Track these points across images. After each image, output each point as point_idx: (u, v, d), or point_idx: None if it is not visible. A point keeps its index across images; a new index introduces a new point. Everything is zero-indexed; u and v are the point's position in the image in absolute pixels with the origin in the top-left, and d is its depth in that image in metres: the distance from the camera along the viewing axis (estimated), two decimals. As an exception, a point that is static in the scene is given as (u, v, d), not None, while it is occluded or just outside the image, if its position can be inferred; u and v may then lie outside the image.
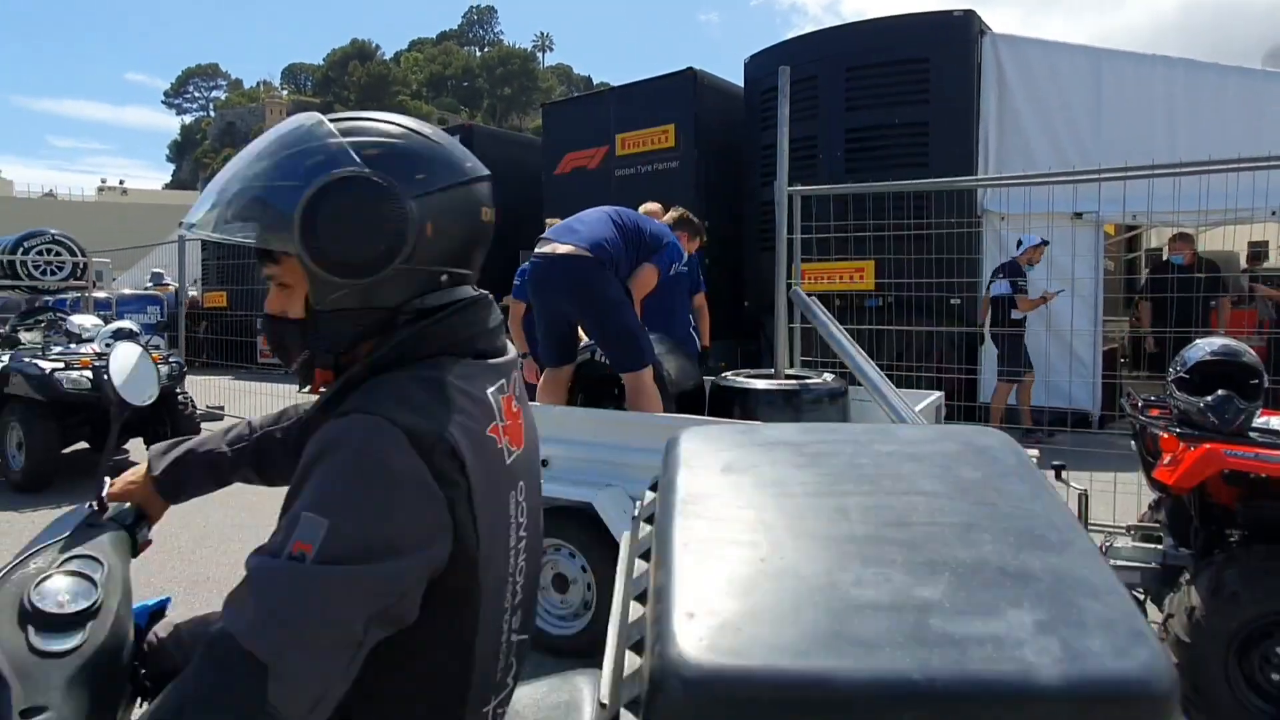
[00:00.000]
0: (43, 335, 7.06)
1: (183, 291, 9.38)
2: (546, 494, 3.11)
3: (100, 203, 63.01)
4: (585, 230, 3.40)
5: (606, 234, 3.39)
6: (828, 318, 3.26)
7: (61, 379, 5.88)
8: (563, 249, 3.31)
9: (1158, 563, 2.77)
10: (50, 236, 9.07)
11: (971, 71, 8.20)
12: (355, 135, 1.05)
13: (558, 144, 11.57)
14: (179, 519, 5.14)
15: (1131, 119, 7.76)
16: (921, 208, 7.12)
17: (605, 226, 3.44)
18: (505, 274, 13.08)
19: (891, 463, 0.96)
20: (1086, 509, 2.96)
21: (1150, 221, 7.64)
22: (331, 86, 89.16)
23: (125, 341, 5.63)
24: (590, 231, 3.38)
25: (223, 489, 1.50)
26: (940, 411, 3.98)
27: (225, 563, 4.30)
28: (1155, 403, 2.87)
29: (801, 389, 3.35)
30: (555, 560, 3.16)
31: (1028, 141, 8.10)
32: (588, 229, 3.40)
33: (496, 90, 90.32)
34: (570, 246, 3.30)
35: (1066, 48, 8.31)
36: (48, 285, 9.08)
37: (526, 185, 12.54)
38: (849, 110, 8.69)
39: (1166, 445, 2.58)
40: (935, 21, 8.42)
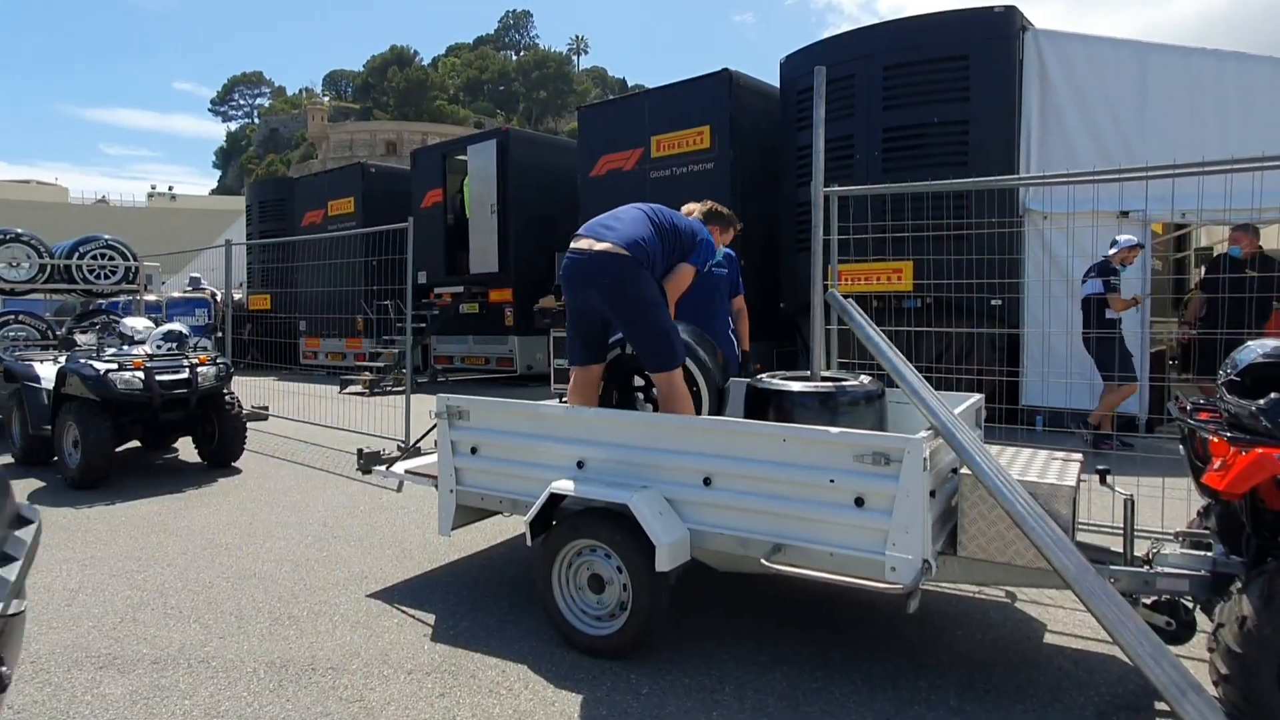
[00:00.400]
0: (97, 337, 7.31)
1: (228, 294, 9.61)
2: (582, 495, 3.16)
3: (151, 208, 64.92)
4: (621, 228, 3.38)
5: (643, 232, 3.37)
6: (864, 319, 3.23)
7: (115, 380, 6.07)
8: (599, 246, 3.30)
9: (1208, 570, 2.70)
10: (103, 242, 9.37)
11: (1013, 68, 8.06)
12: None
13: (593, 146, 11.63)
14: (226, 517, 5.29)
15: (1180, 114, 7.56)
16: (961, 207, 7.01)
17: (641, 224, 3.42)
18: (541, 275, 13.24)
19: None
20: (1132, 514, 2.89)
21: (1200, 220, 7.42)
22: (371, 92, 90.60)
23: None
24: (626, 229, 3.37)
25: (268, 490, 1.55)
26: (980, 415, 3.92)
27: (270, 558, 4.40)
28: (1205, 406, 2.79)
29: (837, 391, 3.32)
30: (591, 561, 3.18)
31: (1071, 139, 7.93)
32: (624, 226, 3.39)
33: (532, 94, 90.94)
34: (607, 244, 3.29)
35: (1111, 42, 8.12)
36: (101, 289, 9.38)
37: (562, 188, 12.64)
38: (886, 109, 8.59)
39: (1217, 450, 2.51)
40: (975, 18, 8.29)
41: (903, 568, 2.62)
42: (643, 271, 3.32)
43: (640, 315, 3.31)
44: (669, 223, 3.53)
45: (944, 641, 3.28)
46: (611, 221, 3.45)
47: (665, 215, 3.57)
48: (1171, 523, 3.91)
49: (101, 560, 4.43)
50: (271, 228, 17.47)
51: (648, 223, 3.45)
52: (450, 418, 3.66)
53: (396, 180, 15.76)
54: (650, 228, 3.43)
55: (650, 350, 3.35)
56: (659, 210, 3.59)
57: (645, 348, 3.37)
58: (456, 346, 14.17)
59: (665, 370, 3.32)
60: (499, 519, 4.54)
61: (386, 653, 3.21)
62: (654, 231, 3.42)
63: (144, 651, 3.25)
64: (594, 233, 3.39)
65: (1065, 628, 3.39)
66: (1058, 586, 2.69)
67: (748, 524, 2.93)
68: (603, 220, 3.48)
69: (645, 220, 3.46)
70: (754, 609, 3.62)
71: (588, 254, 3.32)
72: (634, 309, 3.30)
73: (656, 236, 3.42)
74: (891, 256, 7.49)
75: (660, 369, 3.33)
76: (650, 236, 3.39)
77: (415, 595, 3.85)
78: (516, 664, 3.10)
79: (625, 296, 3.29)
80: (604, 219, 3.49)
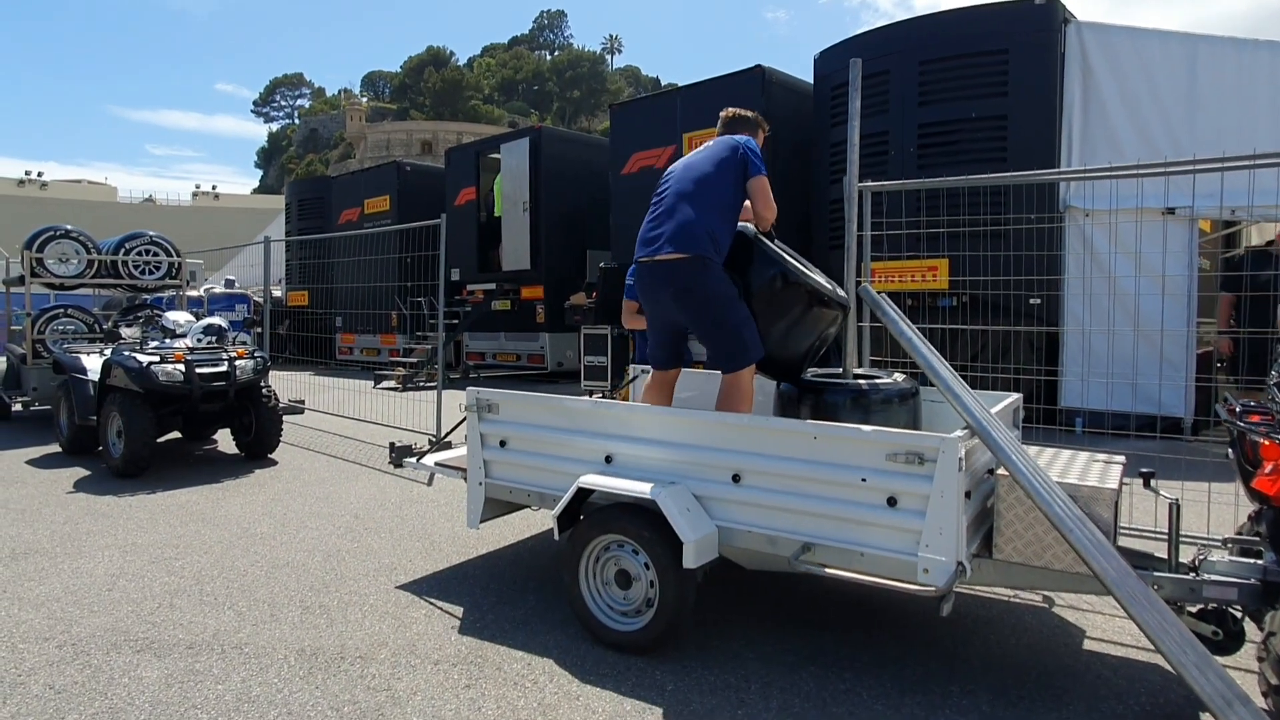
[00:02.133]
0: (141, 331, 7.48)
1: (266, 290, 9.78)
2: (611, 489, 3.15)
3: (195, 207, 66.43)
4: (671, 225, 3.31)
5: (689, 213, 3.29)
6: (898, 314, 3.17)
7: (157, 372, 6.21)
8: (659, 257, 3.32)
9: (1257, 578, 2.60)
10: (148, 238, 9.59)
11: (1054, 62, 7.88)
12: None
13: (625, 144, 11.62)
14: (261, 507, 5.38)
15: (1231, 108, 7.32)
16: (999, 203, 6.87)
17: (685, 203, 3.33)
18: (573, 273, 13.25)
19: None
20: (1178, 519, 2.79)
21: (1251, 216, 7.18)
22: (408, 93, 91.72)
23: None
24: (675, 223, 3.30)
25: (302, 481, 1.56)
26: (1018, 414, 3.83)
27: (303, 548, 4.46)
28: (1255, 408, 2.69)
29: (870, 389, 3.27)
30: (618, 556, 3.17)
31: (1115, 133, 7.73)
32: (672, 221, 3.32)
33: (566, 93, 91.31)
34: (663, 255, 3.30)
35: (1158, 34, 7.89)
36: (146, 284, 9.61)
37: (594, 186, 12.66)
38: (922, 104, 8.46)
39: (1267, 453, 2.42)
40: (1015, 11, 8.11)
41: (936, 569, 2.56)
42: (706, 268, 3.26)
43: (707, 313, 3.31)
44: (708, 170, 3.40)
45: (977, 645, 3.21)
46: (661, 218, 3.40)
47: (699, 166, 3.44)
48: (1218, 528, 3.79)
49: (142, 547, 4.53)
50: (310, 225, 17.77)
51: (690, 194, 3.35)
52: (480, 411, 3.68)
53: (431, 178, 15.92)
54: (693, 199, 3.33)
55: (719, 349, 3.33)
56: (691, 166, 3.47)
57: (715, 346, 3.35)
58: (488, 343, 14.27)
59: (735, 369, 3.31)
60: (527, 513, 4.55)
61: (414, 643, 3.23)
62: (700, 199, 3.33)
63: (180, 636, 3.31)
64: (648, 240, 3.40)
65: (1105, 634, 3.30)
66: (1097, 592, 2.61)
67: (777, 522, 2.89)
68: (653, 220, 3.45)
69: (686, 195, 3.36)
70: (782, 608, 3.57)
71: (649, 265, 3.37)
72: (702, 309, 3.31)
73: (706, 203, 3.32)
74: (927, 254, 7.38)
75: (730, 367, 3.31)
76: (699, 212, 3.30)
77: (443, 587, 3.87)
78: (542, 657, 3.10)
79: (692, 300, 3.32)
80: (653, 217, 3.46)
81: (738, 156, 3.40)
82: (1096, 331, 6.55)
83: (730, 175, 3.37)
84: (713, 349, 3.37)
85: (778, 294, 3.30)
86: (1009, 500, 2.71)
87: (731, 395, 3.31)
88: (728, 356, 3.31)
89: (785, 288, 3.29)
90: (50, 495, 5.75)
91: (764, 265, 3.31)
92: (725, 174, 3.38)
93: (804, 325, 3.36)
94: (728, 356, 3.31)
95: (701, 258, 3.26)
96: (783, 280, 3.28)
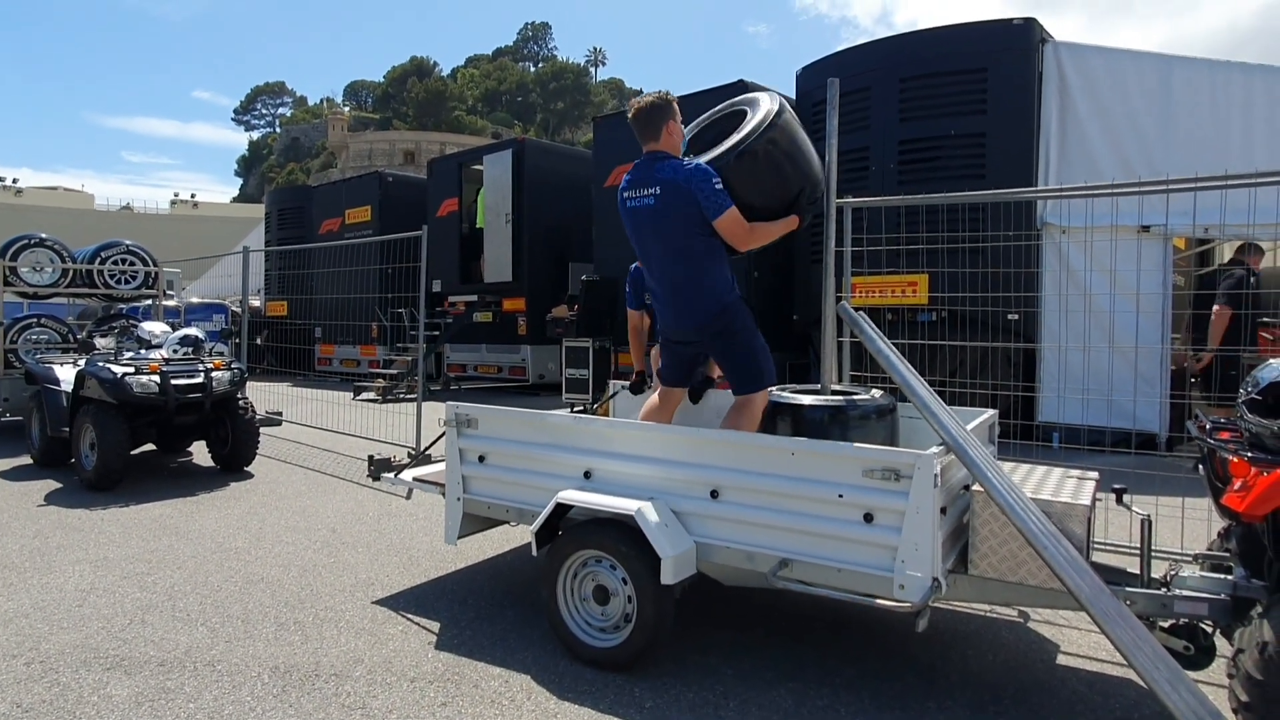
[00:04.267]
0: (116, 341, 7.38)
1: (245, 300, 9.69)
2: (589, 505, 3.14)
3: (174, 215, 65.73)
4: (685, 305, 3.40)
5: (693, 287, 3.35)
6: (875, 332, 3.19)
7: (132, 383, 6.13)
8: (689, 329, 3.43)
9: (1228, 594, 2.63)
10: (125, 247, 9.48)
11: (1032, 81, 8.01)
12: None
13: (608, 156, 11.65)
14: (236, 521, 5.31)
15: (1204, 128, 7.47)
16: (978, 220, 6.95)
17: (688, 282, 3.36)
18: (555, 285, 13.24)
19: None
20: (1150, 535, 2.83)
21: (1223, 235, 7.32)
22: (391, 102, 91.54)
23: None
24: (689, 302, 3.38)
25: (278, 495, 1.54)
26: (994, 431, 3.87)
27: (278, 563, 4.41)
28: (1225, 425, 2.73)
29: (848, 405, 3.29)
30: (596, 572, 3.16)
31: (1091, 152, 7.86)
32: (685, 300, 3.40)
33: (550, 105, 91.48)
34: (690, 326, 3.42)
35: (1133, 55, 8.05)
36: (121, 293, 9.49)
37: (576, 198, 12.67)
38: (903, 121, 8.56)
39: (1237, 470, 2.45)
40: (994, 30, 8.24)
41: (912, 585, 2.58)
42: (725, 312, 3.36)
43: (729, 346, 3.43)
44: (679, 244, 3.30)
45: (954, 661, 3.23)
46: (668, 301, 3.46)
47: (668, 237, 3.32)
48: (1191, 544, 3.83)
49: (113, 561, 4.45)
50: (290, 235, 17.65)
51: (681, 274, 3.36)
52: (459, 425, 3.66)
53: (413, 189, 15.87)
54: (687, 275, 3.34)
55: (736, 372, 3.43)
56: (660, 235, 3.35)
57: (732, 369, 3.45)
58: (469, 355, 14.21)
59: (749, 392, 3.39)
60: (505, 528, 4.52)
61: (390, 660, 3.20)
62: (691, 270, 3.34)
63: (151, 654, 3.26)
64: (662, 311, 3.52)
65: (1079, 650, 3.32)
66: (1071, 608, 2.63)
67: (755, 538, 2.90)
68: (658, 302, 3.54)
69: (678, 279, 3.38)
70: (760, 624, 3.57)
71: (673, 341, 3.55)
72: (728, 344, 3.43)
73: (698, 269, 3.32)
74: (906, 269, 7.44)
75: (745, 391, 3.40)
76: (696, 283, 3.34)
77: (421, 603, 3.84)
78: (520, 674, 3.07)
79: (718, 341, 3.45)
80: (657, 299, 3.55)
81: (693, 202, 3.21)
82: (1073, 348, 6.64)
83: (696, 226, 3.25)
84: (731, 374, 3.48)
85: (739, 170, 3.30)
86: (984, 516, 2.73)
87: (742, 413, 3.38)
88: (744, 380, 3.42)
89: (739, 161, 3.30)
90: (20, 508, 5.64)
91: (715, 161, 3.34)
92: (693, 231, 3.26)
93: (772, 172, 3.37)
94: (744, 380, 3.42)
95: (722, 310, 3.36)
96: (735, 158, 3.31)
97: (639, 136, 3.47)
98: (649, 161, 3.38)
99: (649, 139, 3.43)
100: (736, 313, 3.41)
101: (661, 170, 3.29)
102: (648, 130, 3.43)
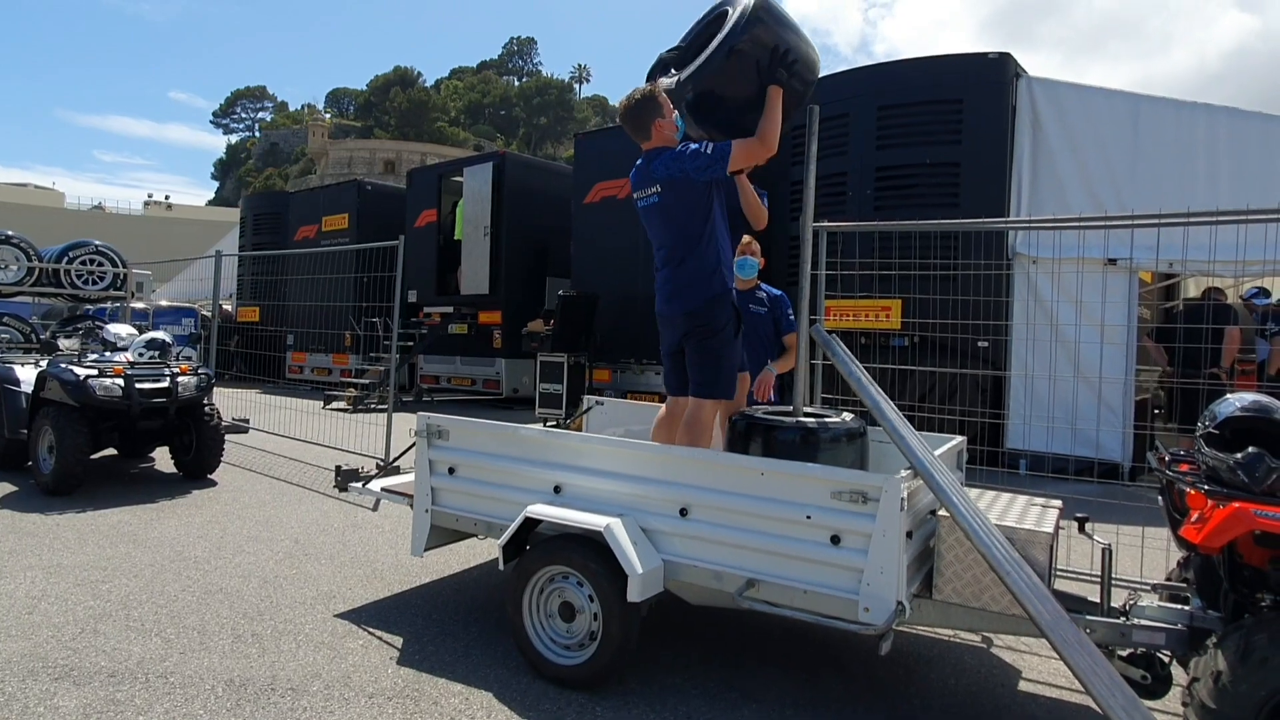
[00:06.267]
0: (80, 343, 7.24)
1: (215, 304, 9.54)
2: (558, 520, 3.11)
3: (147, 216, 64.75)
4: (684, 281, 3.36)
5: (693, 263, 3.32)
6: (847, 356, 3.22)
7: (94, 386, 6.00)
8: (672, 307, 3.39)
9: (1184, 624, 2.67)
10: (94, 247, 9.32)
11: (1006, 113, 8.18)
12: None
13: (588, 173, 11.70)
14: (197, 529, 5.20)
15: (1170, 166, 7.67)
16: (951, 248, 7.07)
17: (688, 257, 3.34)
18: (532, 299, 13.20)
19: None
20: (1110, 564, 2.87)
21: (1185, 270, 7.50)
22: (373, 111, 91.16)
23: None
24: (690, 278, 3.34)
25: (242, 504, 1.51)
26: (962, 457, 3.91)
27: (238, 573, 4.32)
28: (1184, 457, 2.79)
29: (819, 428, 3.30)
30: (563, 588, 3.13)
31: (1062, 185, 8.03)
32: (686, 275, 3.35)
33: (533, 119, 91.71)
34: (675, 308, 3.38)
35: (1104, 92, 8.26)
36: (88, 295, 9.31)
37: (556, 213, 12.69)
38: (880, 148, 8.69)
39: (1194, 502, 2.50)
40: (970, 63, 8.42)
41: (876, 608, 2.59)
42: (711, 304, 3.33)
43: (703, 344, 3.37)
44: (680, 218, 3.33)
45: (917, 685, 3.24)
46: (662, 271, 3.44)
47: (681, 221, 3.35)
48: (1151, 572, 3.89)
49: (67, 568, 4.33)
50: (265, 240, 17.45)
51: (682, 253, 3.36)
52: (429, 436, 3.62)
53: (392, 199, 15.79)
54: (688, 253, 3.35)
55: (699, 372, 3.37)
56: (671, 222, 3.38)
57: (697, 369, 3.38)
58: (443, 367, 14.11)
59: (703, 395, 3.34)
60: (473, 541, 4.48)
61: (349, 675, 3.14)
62: (677, 239, 3.35)
63: (102, 664, 3.17)
64: (658, 289, 3.47)
65: (1040, 675, 3.35)
66: (1033, 634, 2.65)
67: (723, 557, 2.89)
68: (656, 264, 3.50)
69: (677, 256, 3.38)
70: (727, 644, 3.56)
71: (664, 315, 3.46)
72: (699, 340, 3.37)
73: (700, 249, 3.34)
74: (881, 294, 7.53)
75: (701, 393, 3.35)
76: (697, 261, 3.34)
77: (383, 617, 3.78)
78: (482, 691, 3.03)
79: (696, 334, 3.38)
80: (655, 261, 3.51)
81: (692, 187, 3.26)
82: (1040, 376, 6.75)
83: (700, 213, 3.31)
84: (693, 371, 3.40)
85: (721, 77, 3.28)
86: (949, 541, 2.75)
87: (694, 422, 3.34)
88: (703, 383, 3.36)
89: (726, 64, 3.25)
90: (-29, 511, 5.49)
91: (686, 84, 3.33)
92: (695, 218, 3.32)
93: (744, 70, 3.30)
94: (703, 383, 3.36)
95: (712, 299, 3.33)
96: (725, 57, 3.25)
97: (632, 136, 3.48)
98: (646, 160, 3.42)
99: (641, 138, 3.45)
100: (722, 309, 3.36)
101: (657, 169, 3.33)
102: (638, 130, 3.44)
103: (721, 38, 3.27)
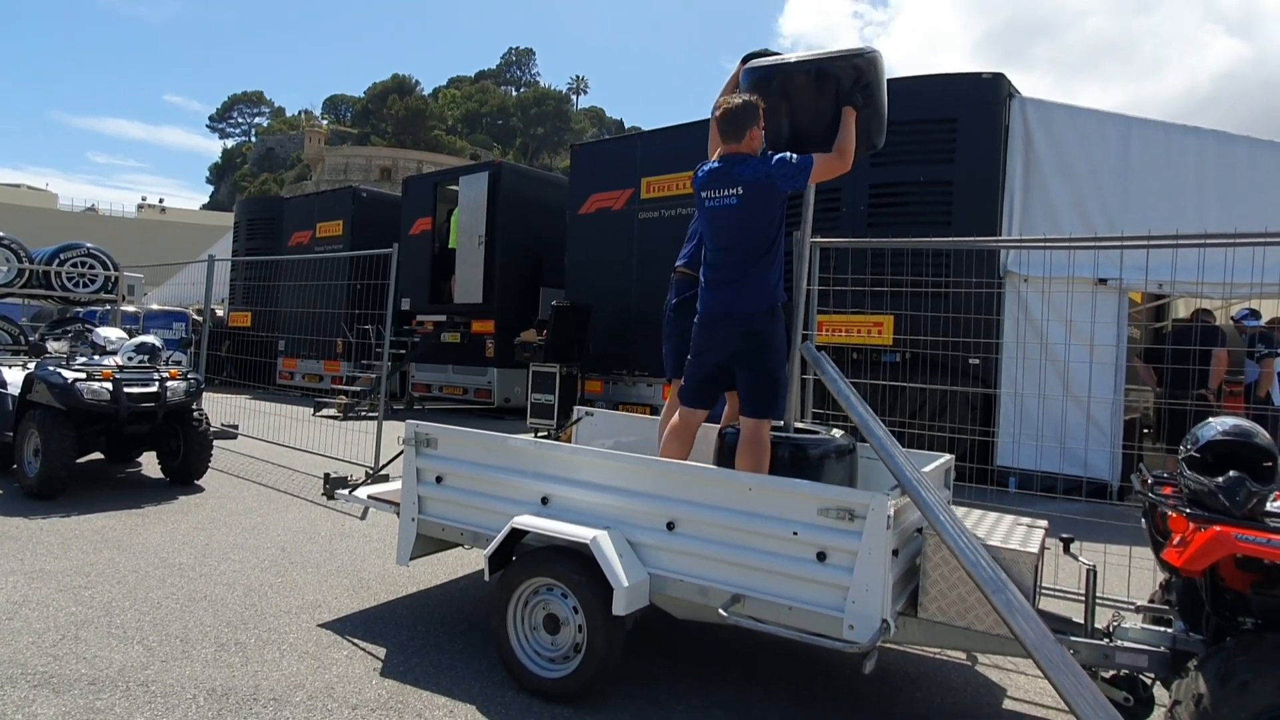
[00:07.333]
0: (69, 345, 7.19)
1: (207, 309, 9.52)
2: (545, 531, 3.10)
3: (140, 219, 64.56)
4: (737, 278, 3.32)
5: (761, 271, 3.32)
6: (836, 373, 3.24)
7: (82, 389, 5.96)
8: (731, 309, 3.32)
9: (1167, 647, 2.67)
10: (85, 250, 9.30)
11: (999, 133, 8.25)
12: None
13: (584, 184, 11.73)
14: (183, 536, 5.17)
15: (1160, 188, 7.74)
16: (943, 265, 7.11)
17: (758, 262, 3.32)
18: (525, 308, 13.21)
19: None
20: (1094, 585, 2.88)
21: (1174, 291, 7.56)
22: (370, 118, 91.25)
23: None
24: (755, 281, 3.31)
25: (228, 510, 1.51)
26: (950, 475, 3.92)
27: (223, 581, 4.29)
28: (1167, 480, 2.80)
29: (808, 444, 3.32)
30: (548, 600, 3.12)
31: (1054, 205, 8.10)
32: (750, 278, 3.32)
33: (530, 129, 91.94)
34: (736, 309, 3.31)
35: (1095, 114, 8.35)
36: (79, 297, 9.27)
37: (551, 223, 12.72)
38: (874, 166, 8.74)
39: (1176, 525, 2.51)
40: (964, 83, 8.50)
41: (861, 626, 2.59)
42: (770, 314, 3.33)
43: (760, 360, 3.33)
44: (759, 223, 3.34)
45: (902, 703, 3.23)
46: (722, 271, 3.37)
47: (757, 226, 3.35)
48: (1138, 591, 3.90)
49: (49, 574, 4.30)
50: (259, 245, 17.41)
51: (752, 258, 3.33)
52: (417, 445, 3.62)
53: (387, 207, 15.79)
54: (758, 259, 3.33)
55: (755, 395, 3.32)
56: (746, 225, 3.36)
57: (755, 386, 3.33)
58: (435, 375, 14.08)
59: (760, 417, 3.30)
60: (459, 552, 4.46)
61: (333, 685, 3.12)
62: (751, 243, 3.33)
63: (82, 671, 3.14)
64: (714, 285, 3.38)
65: (1025, 695, 3.35)
66: (1018, 654, 2.66)
67: (709, 572, 2.89)
68: (712, 264, 3.42)
69: (749, 260, 3.33)
70: (711, 659, 3.55)
71: (720, 315, 3.36)
72: (754, 356, 3.33)
73: (769, 261, 3.35)
74: (873, 310, 7.56)
75: (757, 414, 3.30)
76: (764, 270, 3.34)
77: (368, 627, 3.76)
78: (465, 704, 3.01)
79: (752, 347, 3.33)
80: (711, 261, 3.43)
81: (776, 195, 3.34)
82: (1030, 394, 6.78)
83: (776, 223, 3.37)
84: (750, 389, 3.34)
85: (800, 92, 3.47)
86: (935, 560, 2.76)
87: (757, 442, 3.28)
88: (761, 401, 3.31)
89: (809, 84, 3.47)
90: (-46, 514, 5.44)
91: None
92: (773, 226, 3.36)
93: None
94: (761, 401, 3.31)
95: (771, 310, 3.33)
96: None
97: (721, 136, 3.48)
98: (729, 163, 3.40)
99: (731, 140, 3.43)
100: (780, 321, 3.38)
101: (743, 172, 3.33)
102: (732, 132, 3.42)
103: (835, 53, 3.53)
